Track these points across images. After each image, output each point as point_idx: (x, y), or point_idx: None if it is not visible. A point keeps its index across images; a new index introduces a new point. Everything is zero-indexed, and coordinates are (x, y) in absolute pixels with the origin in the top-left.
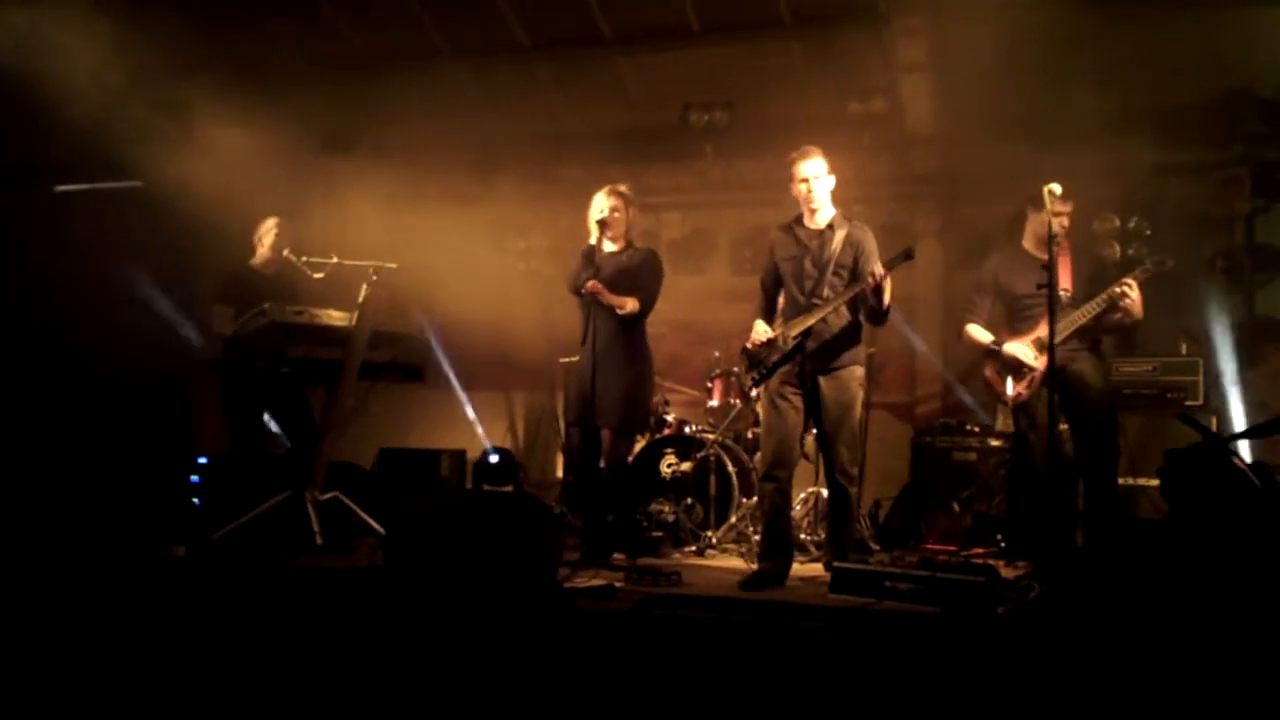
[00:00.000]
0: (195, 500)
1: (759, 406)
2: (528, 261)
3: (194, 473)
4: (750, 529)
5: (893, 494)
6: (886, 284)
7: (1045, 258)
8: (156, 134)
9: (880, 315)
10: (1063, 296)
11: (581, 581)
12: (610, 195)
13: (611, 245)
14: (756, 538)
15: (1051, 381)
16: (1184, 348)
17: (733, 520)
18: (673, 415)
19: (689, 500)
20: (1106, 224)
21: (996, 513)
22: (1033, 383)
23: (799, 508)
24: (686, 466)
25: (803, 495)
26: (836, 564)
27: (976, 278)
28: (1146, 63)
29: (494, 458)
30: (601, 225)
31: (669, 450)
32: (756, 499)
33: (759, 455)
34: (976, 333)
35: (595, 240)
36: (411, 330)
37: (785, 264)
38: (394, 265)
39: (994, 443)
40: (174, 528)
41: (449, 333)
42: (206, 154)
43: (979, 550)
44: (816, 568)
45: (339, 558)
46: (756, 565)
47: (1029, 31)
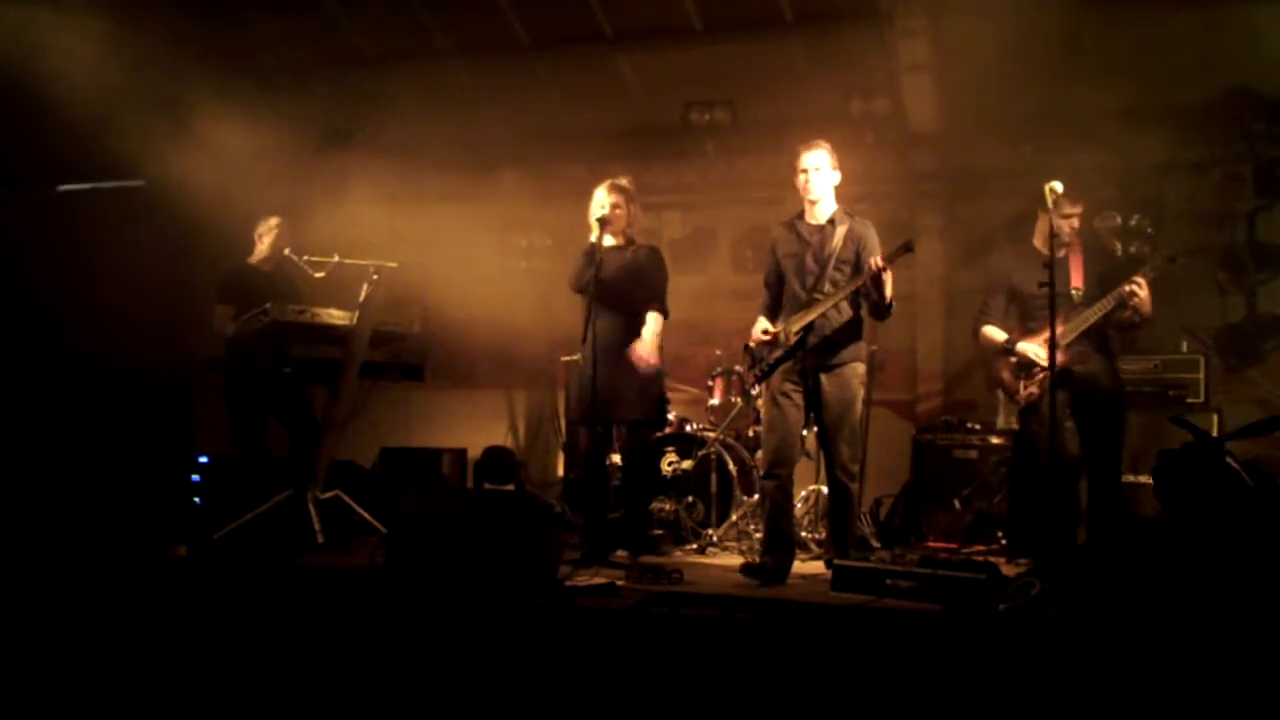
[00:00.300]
0: (197, 499)
1: (760, 404)
2: (529, 260)
3: (195, 472)
4: (751, 527)
5: (894, 491)
6: (887, 277)
7: (1057, 257)
8: (158, 133)
9: (883, 310)
10: (1074, 295)
11: (582, 580)
12: (611, 191)
13: (612, 240)
14: (758, 535)
15: (1052, 379)
16: (1185, 345)
17: (734, 518)
18: (674, 414)
19: (690, 498)
20: (1108, 222)
21: (997, 510)
22: (1044, 381)
23: (800, 505)
24: (688, 465)
25: (804, 493)
26: (837, 561)
27: (988, 280)
28: (1148, 61)
29: (494, 456)
30: (602, 223)
31: (670, 448)
32: (758, 497)
33: (760, 453)
34: (992, 332)
35: (596, 237)
36: (412, 329)
37: (787, 260)
38: (395, 264)
39: (995, 440)
40: (176, 527)
41: (450, 331)
42: (208, 153)
43: (980, 548)
44: (817, 565)
45: (340, 556)
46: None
47: (1031, 30)
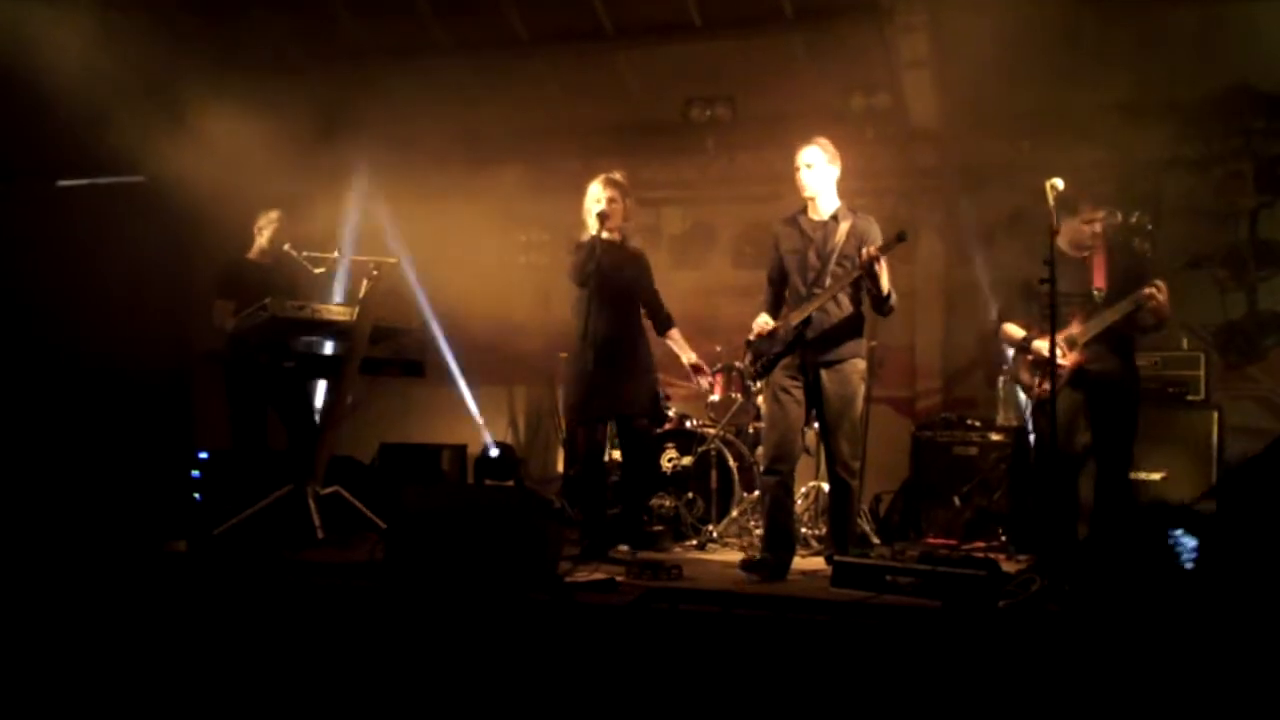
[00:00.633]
0: (196, 495)
1: (760, 400)
2: (528, 255)
3: (195, 467)
4: (751, 523)
5: (893, 488)
6: (881, 269)
7: (1080, 257)
8: (158, 128)
9: (882, 303)
10: (1096, 296)
11: (582, 575)
12: (607, 185)
13: (607, 235)
14: (758, 531)
15: (1052, 379)
16: (1185, 342)
17: (734, 514)
18: (674, 410)
19: (690, 494)
20: (1109, 219)
21: (997, 507)
22: (1058, 379)
23: (800, 501)
24: (687, 461)
25: (804, 489)
26: (837, 558)
27: (1019, 282)
28: (1148, 57)
29: (494, 452)
30: (602, 217)
31: (670, 444)
32: (758, 493)
33: (760, 449)
34: (1011, 329)
35: (596, 231)
36: (412, 324)
37: (789, 256)
38: (394, 259)
39: (995, 437)
40: (175, 522)
41: (449, 326)
42: (208, 148)
43: (980, 544)
44: (817, 562)
45: (339, 552)
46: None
47: (1030, 26)
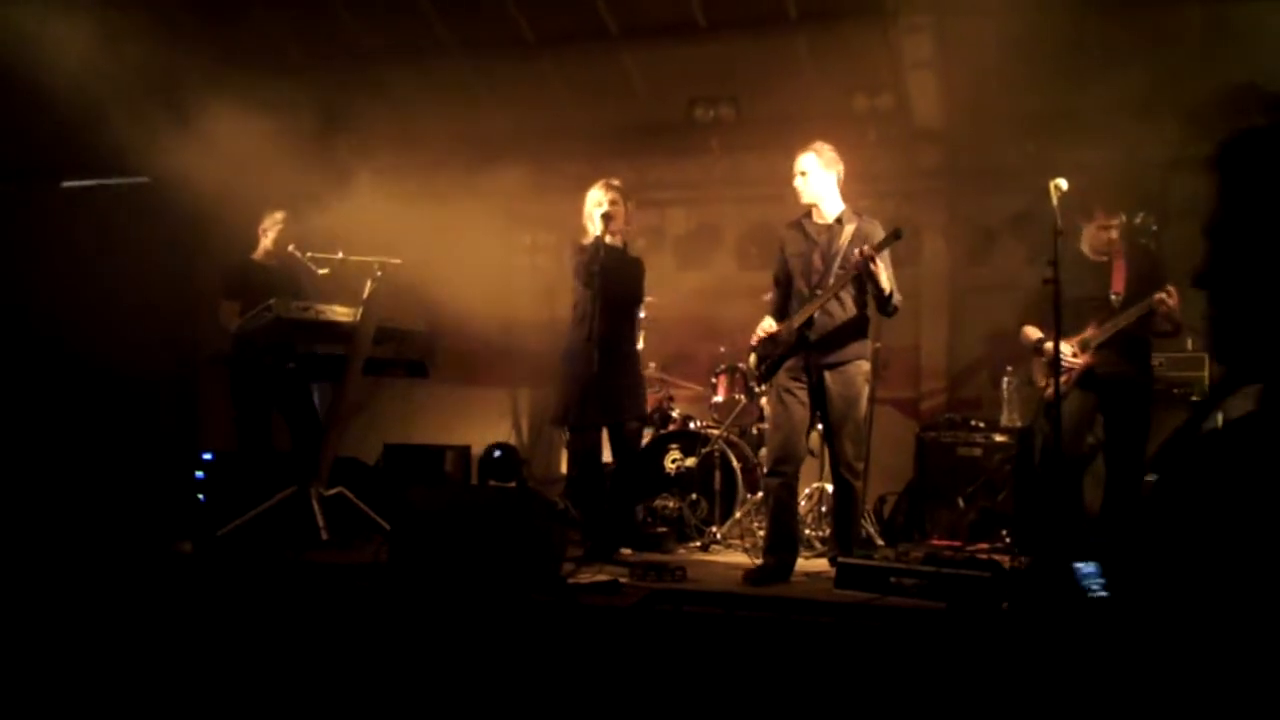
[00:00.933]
0: (201, 496)
1: (764, 402)
2: (532, 256)
3: (200, 468)
4: (755, 524)
5: (897, 489)
6: (880, 268)
7: (1098, 261)
8: (162, 129)
9: (885, 302)
10: (1114, 300)
11: (586, 577)
12: (608, 189)
13: (610, 239)
14: (761, 533)
15: (1055, 379)
16: (1190, 343)
17: (737, 516)
18: (678, 411)
19: (694, 495)
20: (1126, 224)
21: (1001, 508)
22: (1069, 380)
23: (804, 503)
24: (691, 462)
25: (807, 491)
26: (841, 559)
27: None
28: (1154, 57)
29: (497, 453)
30: (607, 219)
31: (674, 445)
32: (761, 494)
33: (764, 450)
34: (1029, 330)
35: (600, 232)
36: (416, 325)
37: (794, 259)
38: (398, 260)
39: (999, 438)
40: (180, 523)
41: (453, 328)
42: (212, 149)
43: (984, 545)
44: (821, 563)
45: (343, 553)
46: (761, 560)
47: (1035, 27)
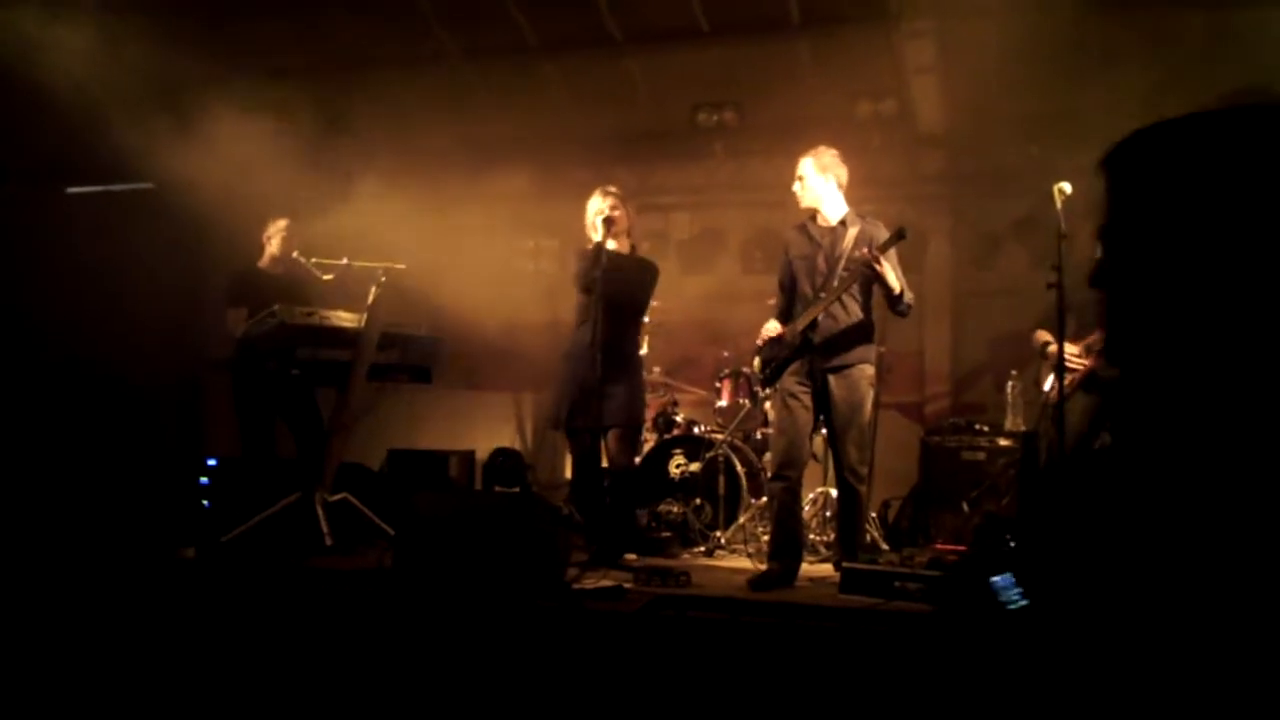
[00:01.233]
0: (205, 502)
1: (768, 406)
2: (536, 261)
3: (204, 474)
4: (759, 529)
5: (902, 494)
6: (886, 268)
7: None
8: (164, 135)
9: (896, 301)
10: None
11: (590, 582)
12: (605, 195)
13: (614, 244)
14: (765, 538)
15: (1059, 382)
16: None
17: (741, 521)
18: (681, 415)
19: (698, 500)
20: None
21: (1005, 512)
22: (1072, 383)
23: (808, 508)
24: (695, 467)
25: (811, 495)
26: (846, 564)
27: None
28: (1157, 61)
29: (500, 458)
30: (609, 223)
31: (678, 451)
32: (766, 499)
33: (768, 455)
34: (1040, 334)
35: (602, 238)
36: (420, 331)
37: (799, 262)
38: (402, 266)
39: (1003, 442)
40: (184, 529)
41: (457, 333)
42: (217, 155)
43: None
44: (826, 568)
45: (348, 559)
46: (765, 565)
47: (1037, 32)
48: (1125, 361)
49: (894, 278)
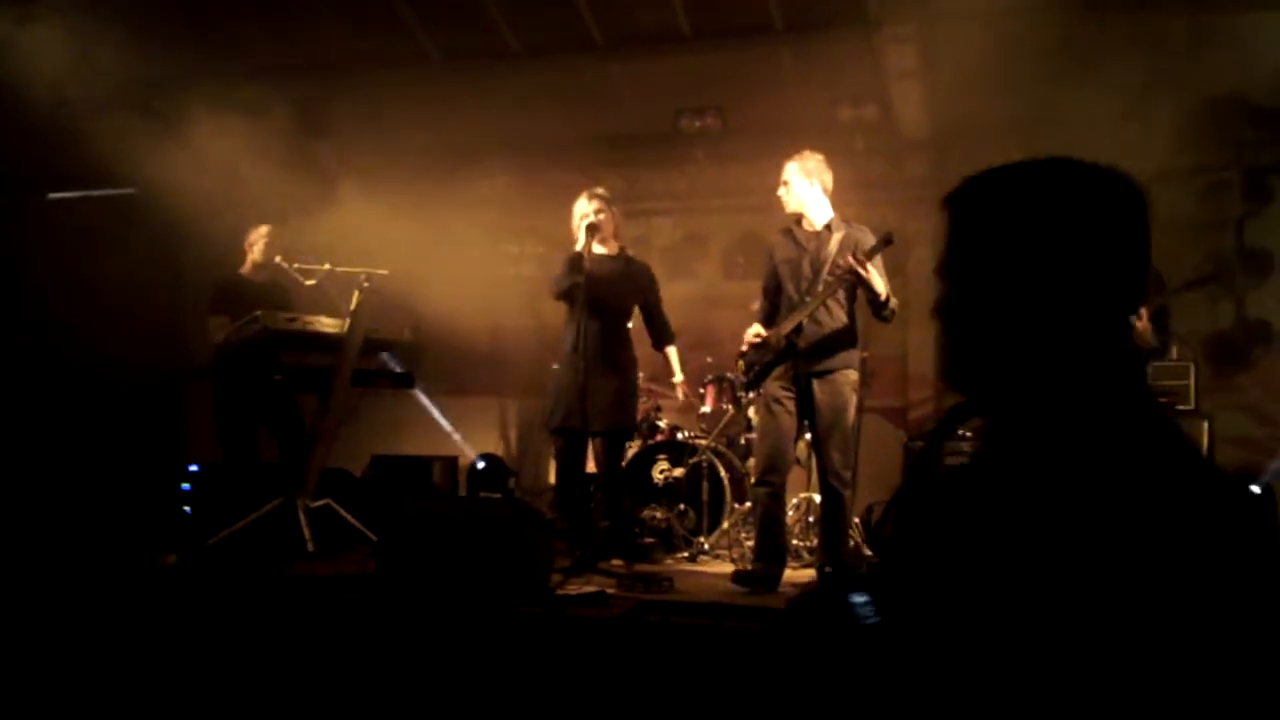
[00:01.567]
0: (187, 508)
1: (751, 412)
2: (519, 266)
3: (186, 480)
4: (743, 534)
5: (885, 499)
6: (870, 273)
7: None
8: (148, 141)
9: (881, 306)
10: None
11: (574, 588)
12: (592, 199)
13: (602, 249)
14: (749, 543)
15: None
16: (1174, 351)
17: (725, 526)
18: (665, 421)
19: (681, 506)
20: None
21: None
22: None
23: (792, 513)
24: (679, 472)
25: (795, 501)
26: (829, 569)
27: None
28: (1136, 69)
29: (481, 464)
30: (592, 229)
31: (661, 456)
32: (749, 504)
33: (752, 460)
34: None
35: (583, 245)
36: (403, 337)
37: (784, 266)
38: (385, 271)
39: None
40: (166, 536)
41: (440, 338)
42: (198, 161)
43: None
44: (809, 573)
45: (330, 565)
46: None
47: (1020, 37)
48: (963, 390)
49: (879, 283)
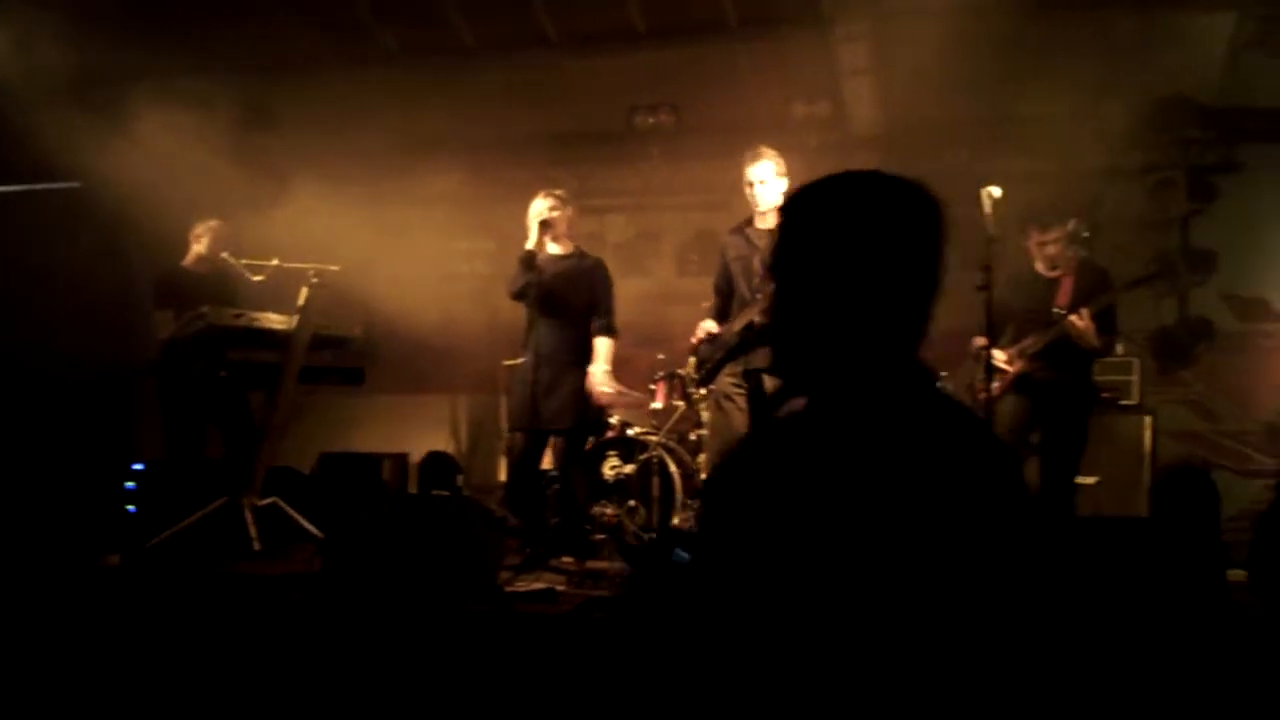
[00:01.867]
0: (130, 507)
1: (702, 408)
2: (471, 263)
3: (130, 479)
4: (694, 530)
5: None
6: None
7: (1051, 276)
8: (92, 134)
9: None
10: (1055, 314)
11: (523, 585)
12: (547, 197)
13: (556, 248)
14: None
15: (987, 383)
16: (1120, 348)
17: (676, 522)
18: (616, 417)
19: (632, 502)
20: (1064, 237)
21: None
22: (1002, 385)
23: None
24: (629, 469)
25: None
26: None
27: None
28: (1086, 68)
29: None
30: (545, 226)
31: (612, 452)
32: (700, 501)
33: (703, 456)
34: (978, 339)
35: (535, 244)
36: (353, 333)
37: (735, 263)
38: (335, 267)
39: None
40: (109, 535)
41: (392, 335)
42: (144, 153)
43: None
44: None
45: (276, 564)
46: None
47: (972, 37)
48: (788, 378)
49: None
